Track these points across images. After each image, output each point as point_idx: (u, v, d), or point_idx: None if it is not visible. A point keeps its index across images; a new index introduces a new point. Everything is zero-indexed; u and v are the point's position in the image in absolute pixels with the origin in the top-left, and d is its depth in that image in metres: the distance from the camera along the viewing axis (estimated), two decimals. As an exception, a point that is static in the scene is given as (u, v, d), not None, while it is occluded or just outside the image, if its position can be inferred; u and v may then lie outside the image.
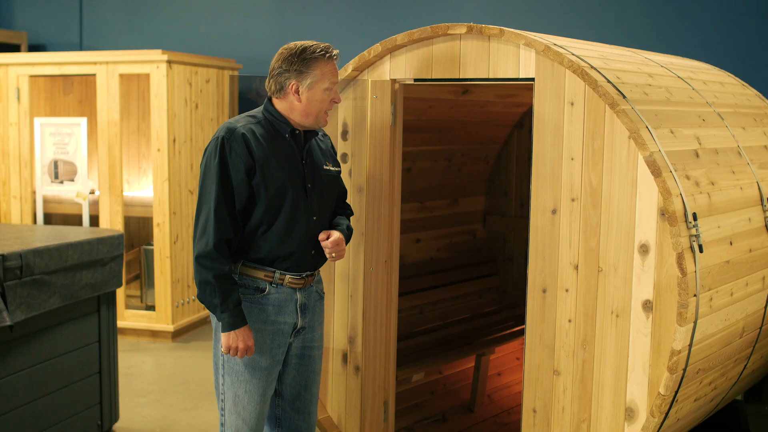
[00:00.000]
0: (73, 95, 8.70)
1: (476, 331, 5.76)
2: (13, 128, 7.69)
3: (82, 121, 7.54)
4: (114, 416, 5.26)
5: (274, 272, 3.53)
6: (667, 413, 3.59)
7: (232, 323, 3.41)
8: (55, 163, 7.57)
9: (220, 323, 3.46)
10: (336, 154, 3.84)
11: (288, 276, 3.55)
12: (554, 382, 3.89)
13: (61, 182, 7.59)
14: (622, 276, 3.65)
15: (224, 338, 3.45)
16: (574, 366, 3.82)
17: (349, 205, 3.97)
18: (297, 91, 3.50)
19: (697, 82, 4.69)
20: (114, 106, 7.35)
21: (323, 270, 4.52)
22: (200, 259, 3.39)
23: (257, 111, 3.61)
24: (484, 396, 5.58)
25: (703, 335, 3.64)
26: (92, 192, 7.66)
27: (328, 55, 3.51)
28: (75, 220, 8.18)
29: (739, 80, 5.58)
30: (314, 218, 3.58)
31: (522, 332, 5.62)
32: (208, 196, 3.41)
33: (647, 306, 3.58)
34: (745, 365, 4.42)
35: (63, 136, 7.55)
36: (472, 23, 4.00)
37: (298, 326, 3.63)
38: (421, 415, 5.31)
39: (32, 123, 7.65)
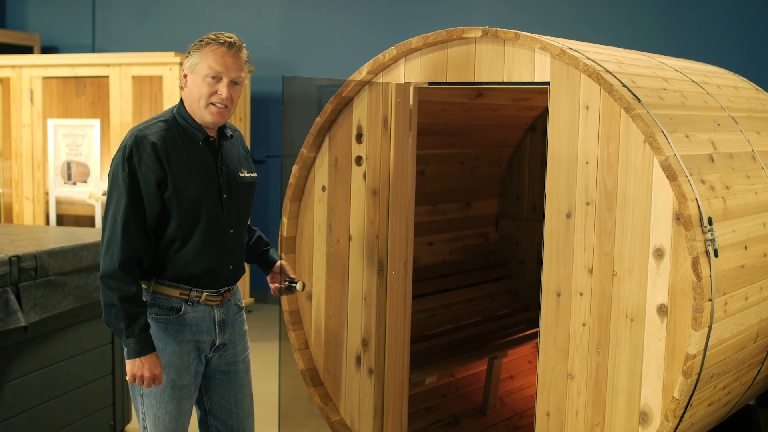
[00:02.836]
0: (85, 97, 8.72)
1: (489, 335, 5.76)
2: (26, 129, 7.72)
3: (95, 123, 7.57)
4: (126, 417, 5.28)
5: (190, 290, 3.30)
6: (681, 418, 3.59)
7: (138, 350, 3.17)
8: (68, 165, 7.61)
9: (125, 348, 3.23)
10: (250, 155, 3.59)
11: (205, 293, 3.33)
12: (568, 385, 3.88)
13: (74, 183, 7.62)
14: (636, 280, 3.64)
15: (129, 365, 3.19)
16: (588, 370, 3.81)
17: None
18: (185, 75, 3.28)
19: (712, 87, 4.68)
20: (126, 108, 7.38)
21: (336, 272, 4.53)
22: (104, 279, 3.15)
23: (168, 113, 3.34)
24: (496, 399, 5.58)
25: (717, 340, 3.64)
26: (104, 193, 7.68)
27: (221, 42, 3.24)
28: (87, 221, 8.20)
29: (753, 84, 5.58)
30: (231, 231, 3.38)
31: (534, 335, 5.62)
32: (115, 211, 3.16)
33: (662, 310, 3.58)
34: (759, 370, 4.42)
35: (76, 137, 7.58)
36: (487, 27, 4.00)
37: (218, 343, 3.43)
38: (433, 417, 5.31)
39: (45, 124, 7.68)
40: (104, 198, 7.61)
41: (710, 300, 3.50)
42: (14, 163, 7.84)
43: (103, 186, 7.65)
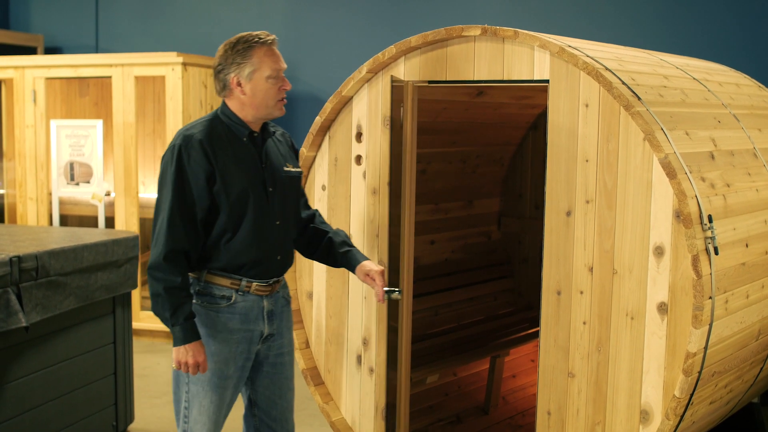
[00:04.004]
0: (89, 97, 8.73)
1: (491, 333, 5.75)
2: (29, 130, 7.73)
3: (98, 123, 7.57)
4: (129, 417, 5.28)
5: (240, 280, 3.42)
6: (682, 416, 3.58)
7: (183, 337, 3.30)
8: (71, 165, 7.61)
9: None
10: (297, 153, 3.73)
11: (254, 283, 3.45)
12: (569, 384, 3.88)
13: (77, 184, 7.62)
14: (636, 278, 3.64)
15: (174, 353, 3.33)
16: (588, 368, 3.80)
17: (317, 211, 3.85)
18: (239, 84, 3.37)
19: (713, 84, 4.67)
20: (129, 108, 7.38)
21: (337, 271, 4.53)
22: (151, 270, 3.28)
23: (213, 114, 3.48)
24: (498, 398, 5.57)
25: (718, 338, 3.63)
26: (108, 194, 7.69)
27: (261, 41, 3.37)
28: (90, 221, 8.21)
29: (756, 81, 5.56)
30: (277, 222, 3.48)
31: (537, 334, 5.61)
32: (163, 206, 3.31)
33: (662, 308, 3.57)
34: (762, 368, 4.40)
35: (79, 138, 7.58)
36: (486, 25, 3.99)
37: (266, 333, 3.53)
38: (435, 417, 5.30)
39: (48, 125, 7.69)
40: (108, 198, 7.64)
41: (710, 298, 3.49)
42: (18, 164, 7.85)
43: (106, 186, 7.66)
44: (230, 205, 3.35)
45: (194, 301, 3.42)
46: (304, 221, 3.76)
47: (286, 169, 3.56)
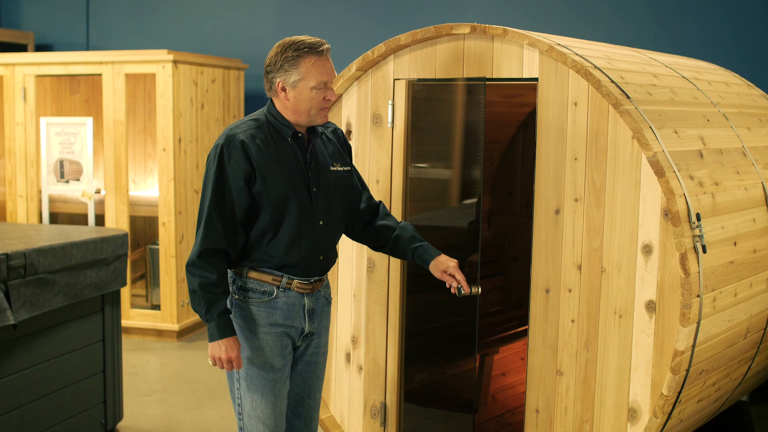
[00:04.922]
0: (79, 95, 8.72)
1: (480, 331, 5.75)
2: (19, 128, 7.71)
3: (88, 121, 7.55)
4: (118, 415, 5.27)
5: (282, 277, 3.43)
6: (670, 414, 3.59)
7: (217, 333, 3.35)
8: (61, 163, 7.59)
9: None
10: (349, 150, 3.68)
11: (296, 281, 3.45)
12: (557, 382, 3.88)
13: (67, 182, 7.61)
14: (625, 276, 3.64)
15: (210, 348, 3.39)
16: (576, 366, 3.81)
17: (381, 203, 3.79)
18: (284, 89, 3.38)
19: (702, 83, 4.68)
20: (120, 106, 7.37)
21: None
22: (188, 267, 3.36)
23: (260, 113, 3.50)
24: (488, 396, 5.57)
25: (706, 336, 3.63)
26: (98, 191, 7.67)
27: (313, 50, 3.35)
28: (81, 219, 8.20)
29: (745, 80, 5.57)
30: (321, 223, 3.47)
31: (527, 332, 5.61)
32: (204, 205, 3.36)
33: (650, 306, 3.57)
34: (750, 366, 4.41)
35: (69, 135, 7.56)
36: (475, 23, 3.99)
37: (306, 331, 3.54)
38: (424, 415, 5.30)
39: (38, 123, 7.67)
40: (98, 196, 7.63)
41: (698, 296, 3.50)
42: (8, 162, 7.83)
43: (96, 184, 7.65)
44: (272, 206, 3.36)
45: (236, 296, 3.45)
46: (368, 214, 3.74)
47: (332, 168, 3.54)
